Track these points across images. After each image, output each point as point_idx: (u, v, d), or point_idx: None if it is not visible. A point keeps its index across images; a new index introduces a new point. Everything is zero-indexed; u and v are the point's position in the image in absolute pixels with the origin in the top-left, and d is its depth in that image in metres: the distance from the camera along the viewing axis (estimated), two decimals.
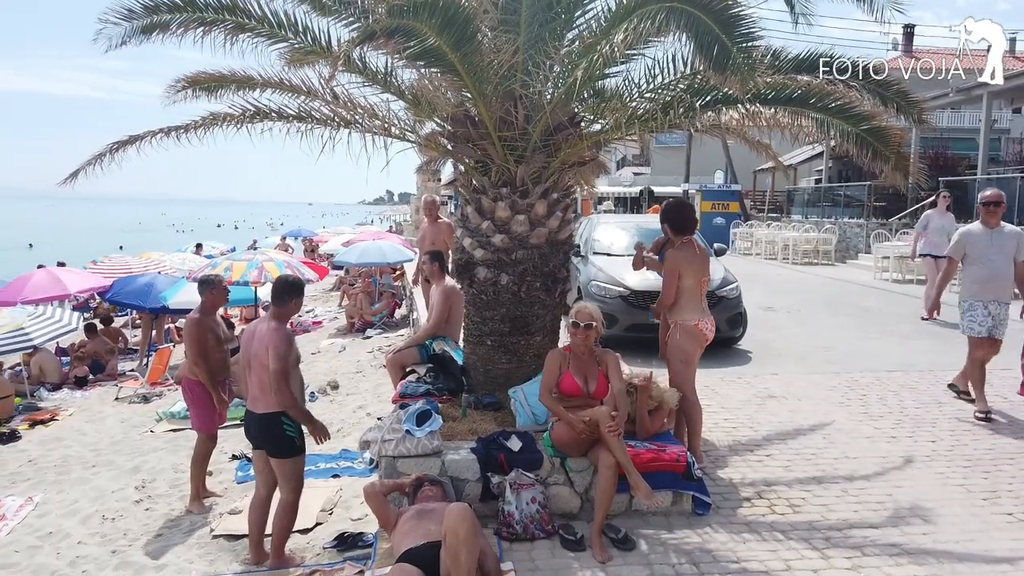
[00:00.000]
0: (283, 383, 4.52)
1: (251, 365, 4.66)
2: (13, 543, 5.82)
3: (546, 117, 5.15)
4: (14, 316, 10.22)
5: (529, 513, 4.18)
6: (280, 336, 4.53)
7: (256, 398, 4.73)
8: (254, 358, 4.60)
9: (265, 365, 4.50)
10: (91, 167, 5.14)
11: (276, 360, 4.47)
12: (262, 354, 4.53)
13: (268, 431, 4.68)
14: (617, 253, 9.82)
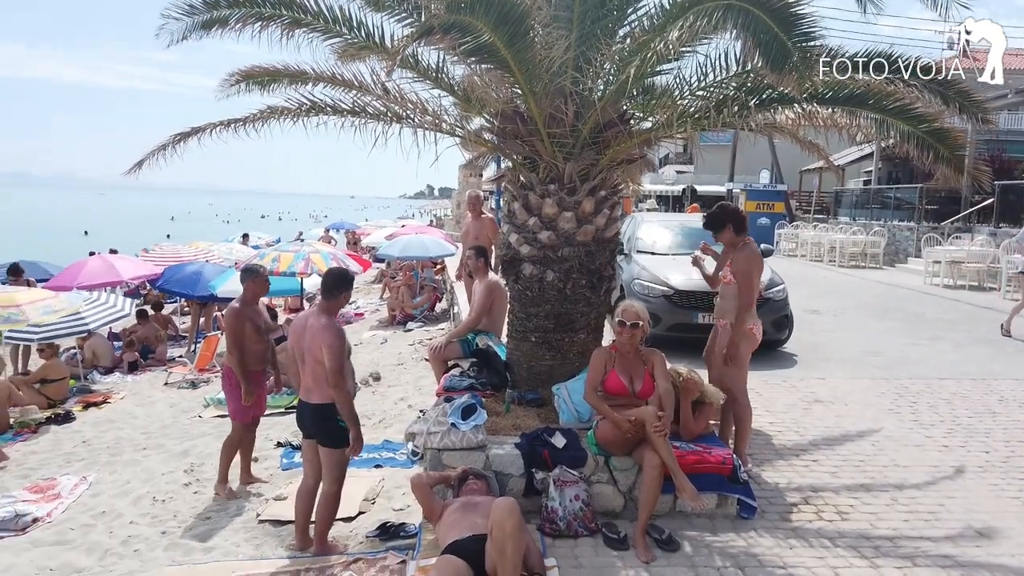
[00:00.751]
0: (339, 379, 4.58)
1: (304, 358, 4.74)
2: (68, 520, 6.01)
3: (596, 114, 5.13)
4: (71, 301, 10.54)
5: (572, 510, 4.19)
6: (332, 333, 4.56)
7: (310, 389, 4.81)
8: (307, 352, 4.67)
9: (320, 360, 4.57)
10: (154, 158, 5.28)
11: (332, 359, 4.52)
12: (315, 349, 4.59)
13: (321, 421, 4.77)
14: (661, 252, 9.76)
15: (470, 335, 6.60)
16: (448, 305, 14.93)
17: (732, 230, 5.21)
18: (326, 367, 4.54)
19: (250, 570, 4.85)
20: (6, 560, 5.34)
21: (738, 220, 5.25)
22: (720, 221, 5.28)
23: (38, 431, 8.82)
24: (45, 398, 9.69)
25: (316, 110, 5.28)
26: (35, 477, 7.12)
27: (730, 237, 5.23)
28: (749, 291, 5.06)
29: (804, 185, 33.98)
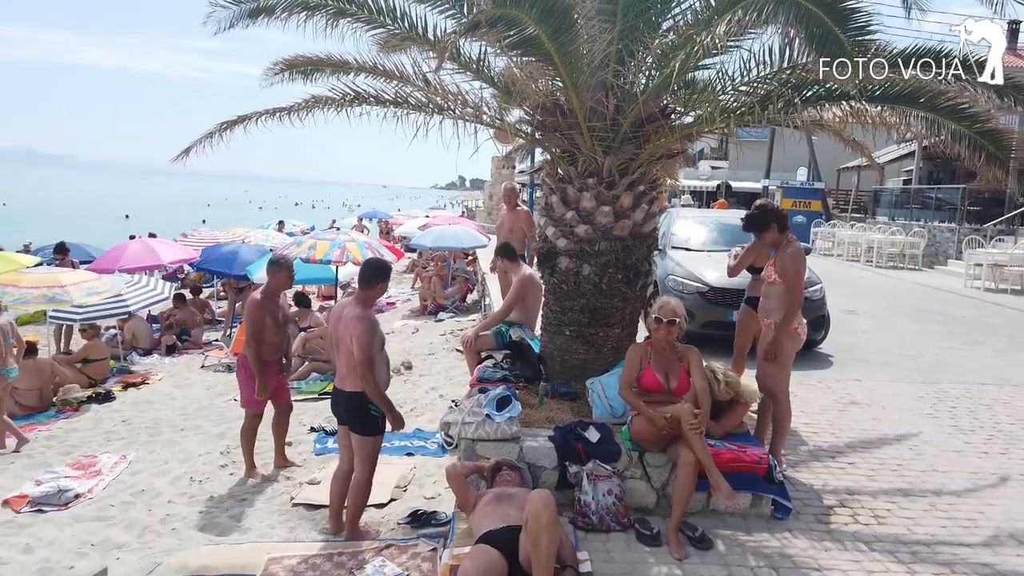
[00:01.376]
0: (366, 371, 4.62)
1: (339, 346, 4.80)
2: (109, 497, 6.17)
3: (638, 108, 5.10)
4: (114, 283, 10.77)
5: (605, 504, 4.19)
6: (364, 325, 4.60)
7: (344, 376, 4.88)
8: (342, 340, 4.74)
9: (351, 350, 4.63)
10: (201, 145, 5.37)
11: (360, 350, 4.57)
12: (347, 339, 4.65)
13: (354, 409, 4.83)
14: (696, 248, 9.68)
15: (503, 327, 6.61)
16: (479, 296, 14.98)
17: (776, 229, 5.08)
18: (356, 358, 4.60)
19: (284, 552, 4.93)
20: (50, 534, 5.50)
21: (781, 219, 5.13)
22: (764, 222, 5.13)
23: (79, 409, 9.05)
24: (86, 377, 9.94)
25: (360, 100, 5.33)
26: (77, 454, 7.31)
27: (775, 237, 5.09)
28: (797, 291, 4.92)
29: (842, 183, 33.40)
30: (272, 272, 6.35)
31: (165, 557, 4.94)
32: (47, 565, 5.00)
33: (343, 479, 5.15)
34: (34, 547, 5.29)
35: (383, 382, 4.87)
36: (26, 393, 8.95)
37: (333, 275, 12.60)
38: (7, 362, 7.77)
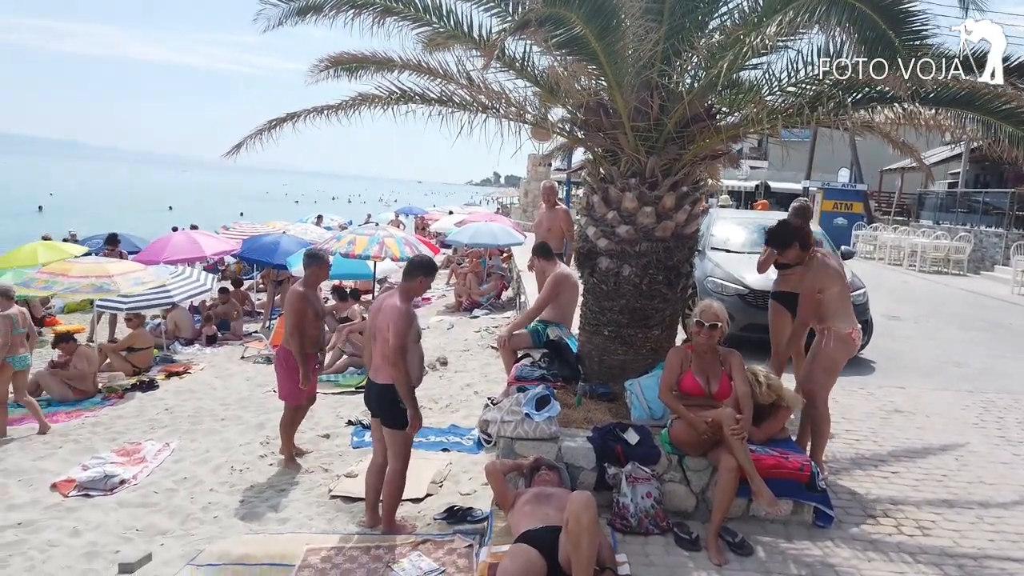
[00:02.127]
0: (399, 359, 4.67)
1: (376, 337, 4.85)
2: (153, 484, 6.31)
3: (683, 108, 5.05)
4: (158, 274, 11.02)
5: (644, 507, 4.17)
6: (402, 315, 4.65)
7: (378, 368, 4.93)
8: (379, 331, 4.79)
9: (387, 339, 4.68)
10: (251, 142, 5.46)
11: (395, 336, 4.63)
12: (384, 328, 4.71)
13: (386, 401, 4.87)
14: (736, 249, 9.56)
15: (540, 325, 6.60)
16: (514, 294, 15.00)
17: (798, 247, 5.11)
18: (390, 345, 4.65)
19: (322, 543, 5.00)
20: (96, 518, 5.65)
21: (803, 238, 5.15)
22: (785, 240, 5.16)
23: (124, 397, 9.27)
24: (131, 365, 10.18)
25: (406, 99, 5.37)
26: (122, 440, 7.49)
27: (796, 255, 5.13)
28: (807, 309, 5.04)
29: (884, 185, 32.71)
30: (312, 265, 6.43)
31: (207, 544, 5.04)
32: (94, 549, 5.13)
33: (378, 472, 5.20)
34: (81, 531, 5.44)
35: (415, 376, 4.91)
36: (80, 378, 9.20)
37: (371, 271, 12.71)
38: (17, 350, 7.96)
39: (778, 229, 5.30)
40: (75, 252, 13.97)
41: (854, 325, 5.04)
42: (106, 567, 4.87)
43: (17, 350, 7.95)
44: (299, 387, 6.35)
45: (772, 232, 5.33)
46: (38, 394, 9.14)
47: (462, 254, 19.79)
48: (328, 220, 27.97)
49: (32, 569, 4.87)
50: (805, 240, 5.13)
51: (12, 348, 7.90)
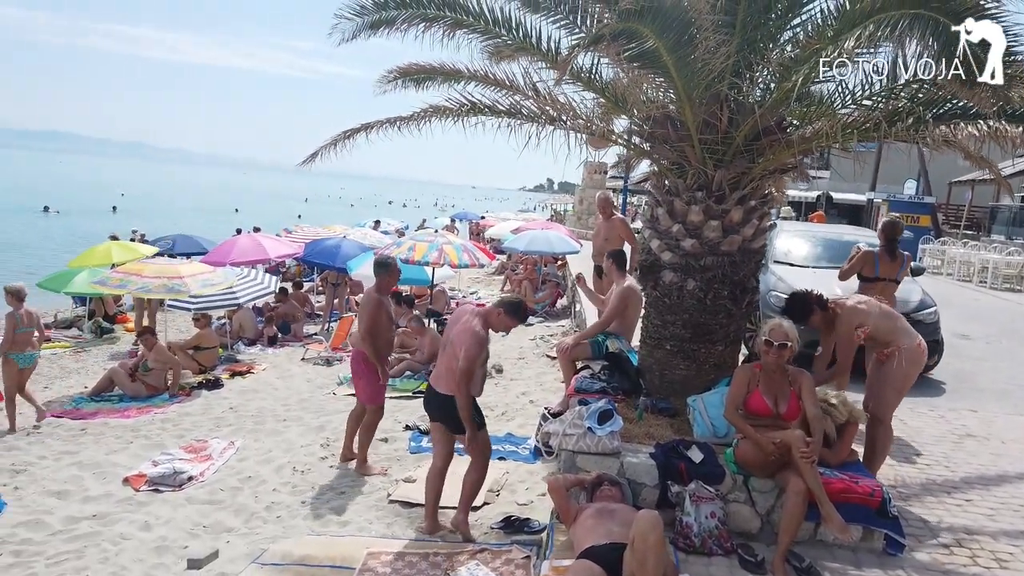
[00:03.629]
0: (465, 383, 4.77)
1: (446, 347, 4.92)
2: (219, 482, 6.49)
3: (753, 121, 4.99)
4: (226, 276, 11.36)
5: (708, 527, 4.11)
6: (478, 340, 4.75)
7: (441, 376, 5.00)
8: (452, 344, 4.88)
9: (457, 356, 4.76)
10: (326, 151, 5.60)
11: (465, 360, 4.71)
12: (458, 344, 4.79)
13: (448, 410, 4.96)
14: (799, 263, 9.37)
15: (600, 337, 6.57)
16: (569, 302, 14.97)
17: (819, 311, 5.07)
18: (459, 366, 4.73)
19: (383, 548, 5.07)
20: (166, 513, 5.84)
21: (821, 302, 5.10)
22: (804, 312, 5.07)
23: (191, 394, 9.57)
24: (197, 364, 10.51)
25: (475, 111, 5.43)
26: (189, 437, 7.72)
27: (820, 319, 5.07)
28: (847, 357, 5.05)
29: (953, 197, 31.59)
30: (383, 273, 6.57)
31: (271, 544, 5.16)
32: (163, 544, 5.30)
33: (437, 478, 5.26)
34: (152, 525, 5.62)
35: (476, 391, 4.98)
36: (154, 375, 9.54)
37: (428, 277, 12.86)
38: (24, 348, 8.42)
39: (793, 302, 5.23)
40: (146, 252, 14.52)
41: (917, 336, 4.99)
42: (175, 562, 5.03)
43: (23, 348, 8.43)
44: (380, 384, 6.54)
45: (789, 306, 5.25)
46: (111, 389, 9.52)
47: (516, 260, 19.85)
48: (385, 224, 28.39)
49: (106, 561, 5.05)
50: (823, 304, 5.10)
51: (19, 345, 8.36)
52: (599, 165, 28.88)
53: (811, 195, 36.62)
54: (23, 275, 21.64)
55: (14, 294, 8.59)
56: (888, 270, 6.62)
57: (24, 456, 7.19)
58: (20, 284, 8.94)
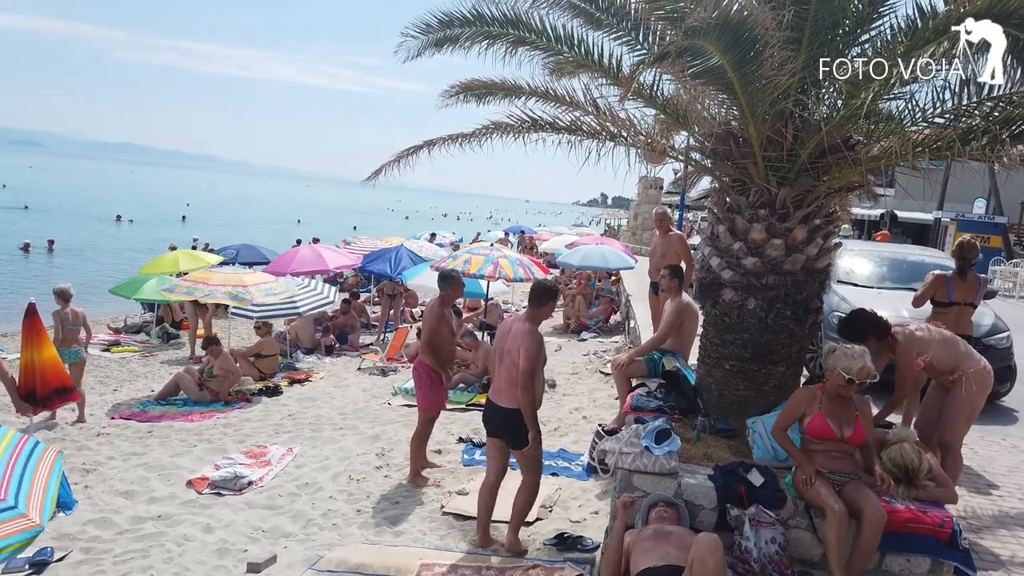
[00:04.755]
0: (528, 381, 4.80)
1: (502, 359, 4.95)
2: (277, 487, 6.63)
3: (820, 138, 4.89)
4: (287, 286, 11.67)
5: (768, 553, 4.02)
6: (533, 339, 4.80)
7: (501, 390, 5.02)
8: (506, 353, 4.89)
9: (516, 363, 4.78)
10: (390, 167, 5.72)
11: (525, 360, 4.75)
12: (515, 352, 4.81)
13: (511, 424, 4.98)
14: (864, 284, 9.13)
15: (656, 355, 6.50)
16: (623, 318, 14.86)
17: (875, 338, 4.86)
18: (519, 368, 4.75)
19: (436, 559, 5.11)
20: (227, 516, 5.99)
21: (880, 328, 4.91)
22: (861, 334, 4.87)
23: (251, 401, 9.82)
24: (258, 371, 10.78)
25: (536, 127, 5.46)
26: (249, 443, 7.92)
27: (876, 344, 4.85)
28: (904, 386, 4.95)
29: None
30: (447, 286, 6.70)
31: (327, 551, 5.25)
32: (224, 546, 5.44)
33: (490, 492, 5.28)
34: (214, 527, 5.77)
35: (537, 398, 4.99)
36: (218, 381, 9.84)
37: (483, 290, 12.94)
38: (70, 345, 9.01)
39: (851, 322, 5.08)
40: (212, 261, 15.01)
41: (981, 359, 4.86)
42: (235, 564, 5.15)
43: (70, 345, 8.99)
44: (438, 393, 6.70)
45: (845, 325, 5.11)
46: (176, 393, 9.83)
47: (569, 275, 19.81)
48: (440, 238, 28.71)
49: (170, 561, 5.21)
50: (882, 330, 4.92)
51: (65, 343, 8.92)
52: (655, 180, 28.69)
53: (875, 213, 35.59)
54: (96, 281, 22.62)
55: (60, 295, 9.22)
56: (963, 294, 6.40)
57: (94, 456, 7.46)
58: (67, 285, 9.54)
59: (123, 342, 14.06)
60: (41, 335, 6.94)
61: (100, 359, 12.75)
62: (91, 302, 19.19)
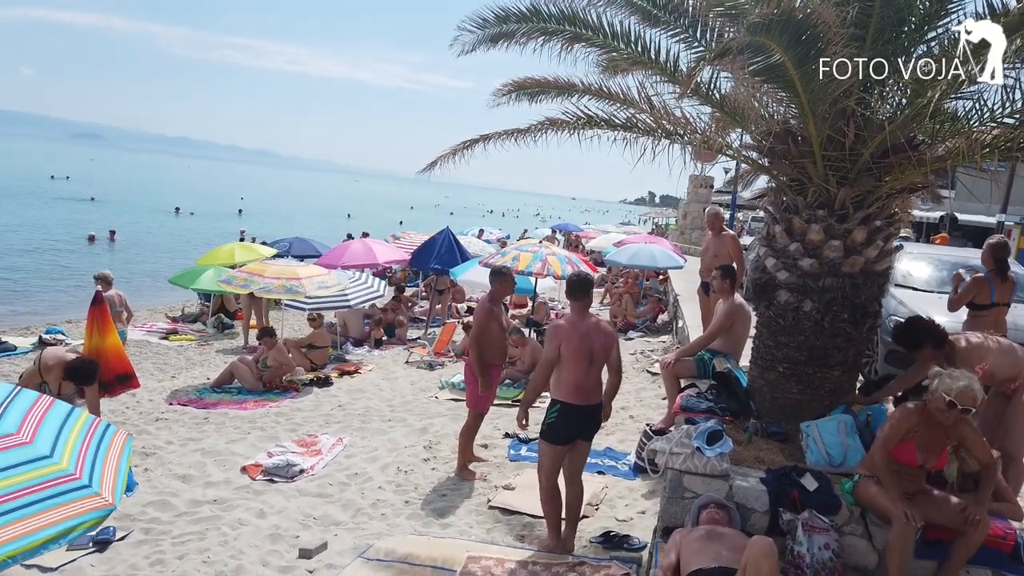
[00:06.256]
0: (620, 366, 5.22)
1: (593, 359, 5.00)
2: (327, 476, 6.76)
3: (883, 138, 4.78)
4: (339, 279, 11.88)
5: (821, 559, 3.95)
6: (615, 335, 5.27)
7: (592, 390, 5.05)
8: (597, 352, 5.00)
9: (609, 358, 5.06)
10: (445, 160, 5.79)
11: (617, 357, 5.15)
12: (610, 347, 5.05)
13: (596, 418, 5.13)
14: (923, 287, 8.87)
15: (707, 355, 6.43)
16: (670, 318, 14.71)
17: (931, 347, 4.69)
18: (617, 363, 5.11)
19: (483, 552, 5.15)
20: (279, 503, 6.13)
21: (937, 336, 4.72)
22: (917, 342, 4.73)
23: (301, 391, 10.02)
24: (310, 361, 11.00)
25: (591, 124, 5.46)
26: (301, 432, 8.09)
27: (930, 354, 4.67)
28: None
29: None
30: (497, 281, 6.73)
31: (376, 540, 5.34)
32: (277, 532, 5.57)
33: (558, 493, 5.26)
34: (267, 513, 5.92)
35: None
36: (272, 371, 10.07)
37: (531, 286, 12.96)
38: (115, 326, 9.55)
39: (907, 329, 4.93)
40: (266, 253, 15.36)
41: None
42: (288, 550, 5.27)
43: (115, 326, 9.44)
44: (479, 394, 6.64)
45: (901, 331, 4.97)
46: (230, 382, 10.09)
47: (616, 273, 19.69)
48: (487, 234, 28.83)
49: (225, 544, 5.36)
50: (939, 340, 4.72)
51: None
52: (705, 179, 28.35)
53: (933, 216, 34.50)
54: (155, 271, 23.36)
55: (103, 279, 9.98)
56: (1002, 294, 6.22)
57: (153, 440, 7.72)
58: (107, 271, 10.40)
59: (180, 330, 14.49)
60: (106, 322, 7.19)
61: (159, 347, 13.16)
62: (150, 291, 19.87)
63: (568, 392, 4.95)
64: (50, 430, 2.51)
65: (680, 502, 4.44)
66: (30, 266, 23.35)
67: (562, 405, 4.97)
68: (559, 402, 4.98)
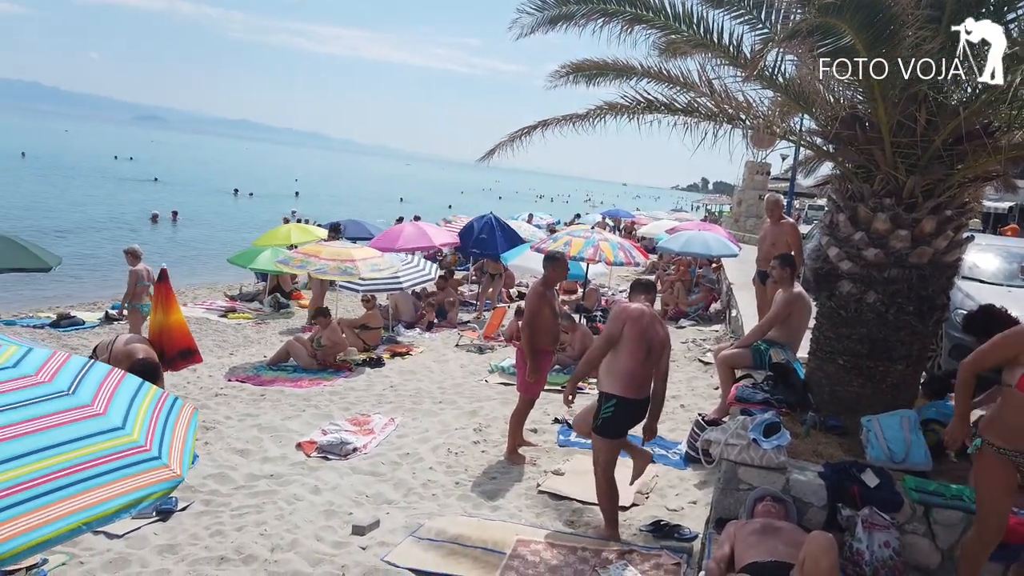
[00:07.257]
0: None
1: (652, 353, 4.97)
2: (380, 455, 6.86)
3: (957, 124, 4.58)
4: (392, 262, 12.02)
5: (881, 557, 3.85)
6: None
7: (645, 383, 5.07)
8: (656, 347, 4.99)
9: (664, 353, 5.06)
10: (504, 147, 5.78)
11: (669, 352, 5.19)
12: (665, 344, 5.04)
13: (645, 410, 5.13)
14: (991, 280, 8.53)
15: (763, 346, 6.31)
16: (723, 307, 14.48)
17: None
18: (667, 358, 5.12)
19: (532, 536, 5.17)
20: (333, 480, 6.25)
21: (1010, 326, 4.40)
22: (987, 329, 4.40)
23: (354, 371, 10.19)
24: (362, 342, 11.18)
25: (651, 108, 5.37)
26: (354, 411, 8.23)
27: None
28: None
29: None
30: (550, 266, 6.72)
31: (427, 520, 5.40)
32: (331, 508, 5.69)
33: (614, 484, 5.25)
34: (321, 489, 6.05)
35: None
36: (326, 350, 10.27)
37: (583, 272, 12.91)
38: (142, 299, 10.44)
39: (979, 317, 4.79)
40: (321, 235, 15.61)
41: None
42: (341, 526, 5.38)
43: (141, 298, 10.42)
44: (527, 380, 6.66)
45: (972, 320, 4.85)
46: (286, 360, 10.33)
47: (667, 260, 19.44)
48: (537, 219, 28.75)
49: (281, 518, 5.49)
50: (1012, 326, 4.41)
51: (138, 297, 10.51)
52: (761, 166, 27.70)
53: (1002, 206, 33.10)
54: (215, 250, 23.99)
55: (132, 253, 10.72)
56: None
57: (212, 415, 7.95)
58: (136, 245, 11.09)
59: (238, 309, 14.87)
60: (170, 299, 7.40)
61: (218, 324, 13.54)
62: (209, 270, 20.43)
63: (625, 385, 4.91)
64: (122, 402, 2.59)
65: (735, 494, 4.38)
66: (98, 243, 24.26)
67: (618, 400, 4.92)
68: (615, 396, 4.93)
